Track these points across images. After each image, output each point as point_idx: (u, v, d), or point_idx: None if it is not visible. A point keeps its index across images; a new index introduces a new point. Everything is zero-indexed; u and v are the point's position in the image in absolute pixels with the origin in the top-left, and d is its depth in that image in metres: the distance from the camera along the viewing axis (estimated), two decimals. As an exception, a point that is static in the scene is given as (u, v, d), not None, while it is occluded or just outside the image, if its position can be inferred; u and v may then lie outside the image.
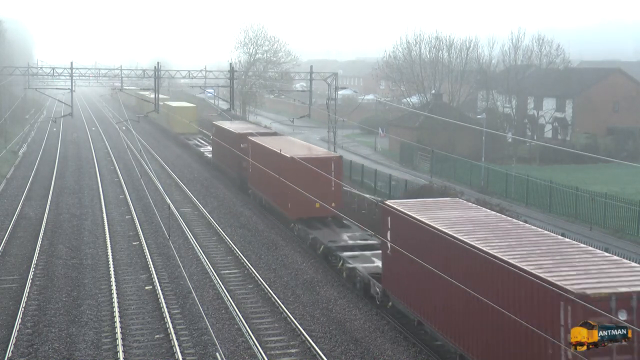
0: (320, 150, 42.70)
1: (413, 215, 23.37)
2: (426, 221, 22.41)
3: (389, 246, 25.16)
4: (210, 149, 63.69)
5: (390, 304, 25.69)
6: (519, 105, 76.45)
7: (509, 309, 17.41)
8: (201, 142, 74.13)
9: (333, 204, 35.59)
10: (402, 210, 24.32)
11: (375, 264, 28.82)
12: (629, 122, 75.54)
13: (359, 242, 33.04)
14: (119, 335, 23.81)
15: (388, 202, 26.17)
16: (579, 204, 43.36)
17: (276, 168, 38.53)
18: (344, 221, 36.07)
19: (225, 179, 54.38)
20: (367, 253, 30.91)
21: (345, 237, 33.86)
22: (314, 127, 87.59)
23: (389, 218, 25.16)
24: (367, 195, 34.81)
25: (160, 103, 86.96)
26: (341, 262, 30.47)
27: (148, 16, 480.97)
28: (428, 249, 22.07)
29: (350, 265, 29.40)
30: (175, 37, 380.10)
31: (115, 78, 71.51)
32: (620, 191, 48.69)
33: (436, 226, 21.74)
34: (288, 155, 37.39)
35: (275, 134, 52.32)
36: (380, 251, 29.14)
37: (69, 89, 55.97)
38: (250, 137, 46.26)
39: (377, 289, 26.50)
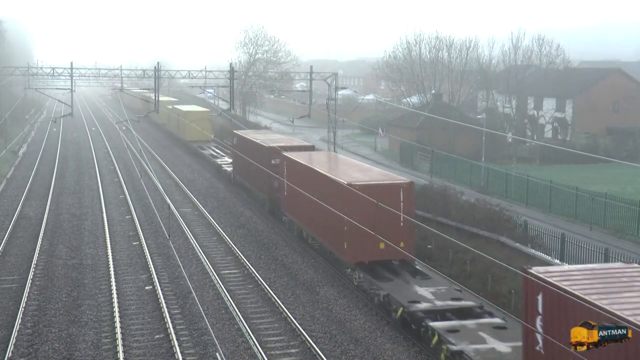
0: (382, 174, 32.94)
1: (595, 302, 15.09)
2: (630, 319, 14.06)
3: (540, 341, 16.92)
4: (230, 160, 56.36)
5: None
6: (519, 105, 76.49)
7: None
8: (217, 153, 66.14)
9: (402, 244, 27.95)
10: (567, 289, 15.87)
11: (489, 346, 20.88)
12: (629, 122, 75.55)
13: (449, 303, 24.75)
14: (119, 336, 23.81)
15: (536, 270, 17.44)
16: (579, 204, 43.35)
17: (324, 195, 30.53)
18: (417, 266, 29.04)
19: (252, 200, 47.05)
20: (469, 323, 22.79)
21: (428, 294, 25.56)
22: (314, 127, 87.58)
23: (539, 297, 16.78)
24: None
25: (169, 106, 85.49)
26: (435, 337, 22.14)
27: (148, 16, 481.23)
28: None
29: (455, 348, 20.83)
30: (175, 37, 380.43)
31: (116, 78, 71.44)
32: (620, 191, 48.69)
33: None
34: (344, 182, 29.14)
35: (312, 147, 43.43)
36: (486, 320, 23.02)
37: (69, 89, 55.93)
38: (285, 153, 38.14)
39: None
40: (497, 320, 23.23)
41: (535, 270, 17.40)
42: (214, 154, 65.91)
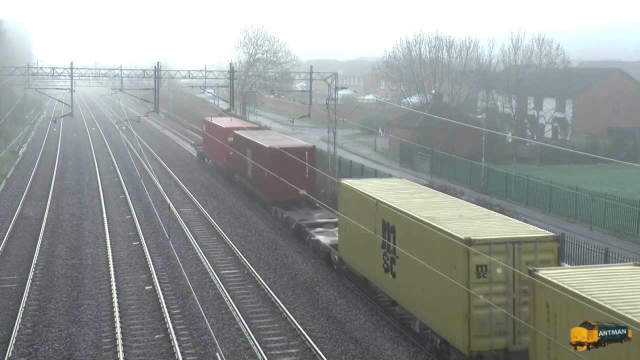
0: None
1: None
2: None
3: None
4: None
5: None
6: (519, 105, 76.49)
7: None
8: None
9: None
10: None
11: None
12: (629, 122, 75.57)
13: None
14: (119, 335, 23.80)
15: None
16: (579, 204, 43.35)
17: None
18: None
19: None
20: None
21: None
22: (314, 127, 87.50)
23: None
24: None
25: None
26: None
27: (148, 16, 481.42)
28: None
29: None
30: (175, 37, 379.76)
31: (116, 78, 71.41)
32: (620, 191, 48.69)
33: None
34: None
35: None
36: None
37: (69, 89, 55.94)
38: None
39: None
40: None
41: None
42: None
